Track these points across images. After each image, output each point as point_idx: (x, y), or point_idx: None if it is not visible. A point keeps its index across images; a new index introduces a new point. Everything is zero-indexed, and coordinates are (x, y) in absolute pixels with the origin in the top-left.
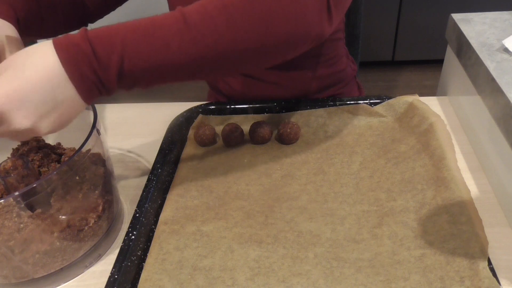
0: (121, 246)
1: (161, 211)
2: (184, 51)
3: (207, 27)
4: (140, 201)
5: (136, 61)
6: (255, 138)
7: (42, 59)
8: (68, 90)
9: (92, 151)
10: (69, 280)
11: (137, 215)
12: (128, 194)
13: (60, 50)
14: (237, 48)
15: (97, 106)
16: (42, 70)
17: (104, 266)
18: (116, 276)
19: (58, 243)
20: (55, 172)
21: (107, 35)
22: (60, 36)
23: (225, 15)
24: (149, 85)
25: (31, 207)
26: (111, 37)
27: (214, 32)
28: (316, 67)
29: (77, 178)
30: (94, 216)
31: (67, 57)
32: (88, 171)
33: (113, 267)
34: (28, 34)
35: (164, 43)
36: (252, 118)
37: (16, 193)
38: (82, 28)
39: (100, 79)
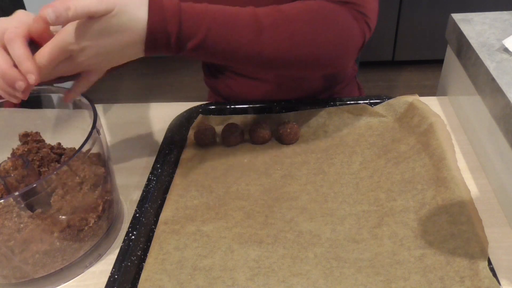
0: (121, 246)
1: (161, 211)
2: (252, 46)
3: (274, 39)
4: (140, 201)
5: (215, 40)
6: (255, 138)
7: (134, 24)
8: (139, 48)
9: (92, 151)
10: (69, 280)
11: (137, 215)
12: (128, 194)
13: (150, 13)
14: (291, 60)
15: (97, 106)
16: (130, 36)
17: (104, 266)
18: (116, 276)
19: (58, 243)
20: (55, 172)
21: (199, 8)
22: None
23: (291, 37)
24: (214, 60)
25: (31, 207)
26: (201, 11)
27: (278, 45)
28: None
29: (77, 178)
30: (94, 216)
31: (152, 25)
32: (88, 171)
33: (113, 267)
34: None
35: (240, 35)
36: (252, 118)
37: (16, 193)
38: None
39: (177, 34)
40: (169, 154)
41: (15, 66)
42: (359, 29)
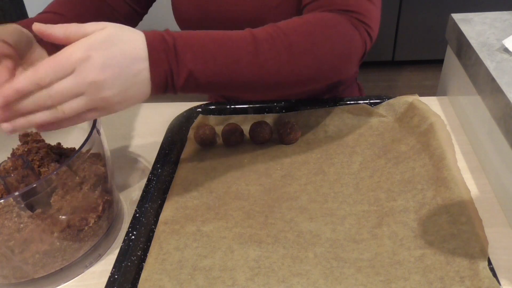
0: (121, 246)
1: (161, 211)
2: (249, 70)
3: (273, 57)
4: (140, 201)
5: (207, 66)
6: (255, 138)
7: (134, 38)
8: (145, 73)
9: (92, 151)
10: (69, 280)
11: (137, 215)
12: (128, 194)
13: (147, 35)
14: (293, 77)
15: None
16: (134, 48)
17: (104, 266)
18: (116, 276)
19: (58, 243)
20: (55, 172)
21: (189, 36)
22: None
23: (290, 53)
24: (208, 91)
25: (31, 207)
26: (191, 38)
27: (278, 63)
28: None
29: (77, 178)
30: (94, 216)
31: (152, 42)
32: (88, 171)
33: (113, 267)
34: None
35: (235, 59)
36: (252, 118)
37: (16, 193)
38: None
39: (172, 71)
40: (169, 154)
41: None
42: (360, 38)
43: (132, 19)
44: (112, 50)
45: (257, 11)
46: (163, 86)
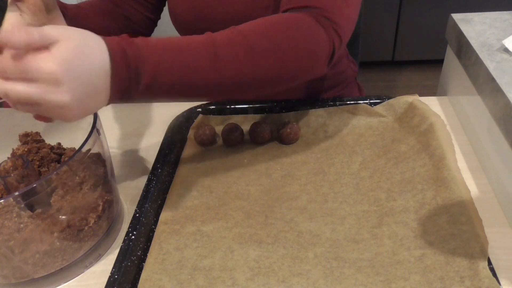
0: (121, 246)
1: (161, 211)
2: (209, 75)
3: (232, 60)
4: (140, 201)
5: (166, 74)
6: (255, 138)
7: (99, 45)
8: (105, 83)
9: (92, 151)
10: (69, 280)
11: (137, 215)
12: (128, 194)
13: (111, 49)
14: (255, 79)
15: None
16: (99, 55)
17: (104, 266)
18: (116, 276)
19: (58, 243)
20: (55, 172)
21: (149, 44)
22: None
23: (250, 54)
24: (170, 98)
25: (31, 207)
26: (152, 48)
27: (238, 65)
28: None
29: (77, 178)
30: (94, 216)
31: (115, 56)
32: (88, 171)
33: (113, 267)
34: None
35: (194, 65)
36: (252, 118)
37: (16, 193)
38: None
39: (131, 87)
40: (169, 154)
41: None
42: (326, 36)
43: (148, 27)
44: (80, 65)
45: (250, 12)
46: (120, 99)
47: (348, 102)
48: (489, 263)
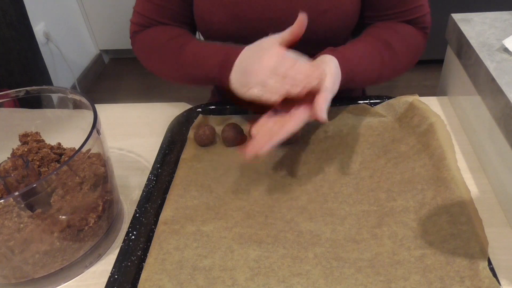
0: (121, 246)
1: (161, 211)
2: (377, 72)
3: (370, 66)
4: (140, 201)
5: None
6: None
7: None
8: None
9: (92, 151)
10: (69, 280)
11: (137, 215)
12: (128, 194)
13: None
14: (384, 78)
15: (97, 106)
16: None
17: (104, 266)
18: (116, 276)
19: (58, 243)
20: (55, 172)
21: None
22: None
23: (379, 69)
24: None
25: (31, 207)
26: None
27: (369, 70)
28: None
29: (77, 178)
30: (94, 216)
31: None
32: (88, 171)
33: (113, 267)
34: None
35: (372, 66)
36: (252, 118)
37: (16, 193)
38: None
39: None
40: (169, 154)
41: None
42: (425, 42)
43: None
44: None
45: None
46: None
47: (348, 102)
48: (489, 263)
